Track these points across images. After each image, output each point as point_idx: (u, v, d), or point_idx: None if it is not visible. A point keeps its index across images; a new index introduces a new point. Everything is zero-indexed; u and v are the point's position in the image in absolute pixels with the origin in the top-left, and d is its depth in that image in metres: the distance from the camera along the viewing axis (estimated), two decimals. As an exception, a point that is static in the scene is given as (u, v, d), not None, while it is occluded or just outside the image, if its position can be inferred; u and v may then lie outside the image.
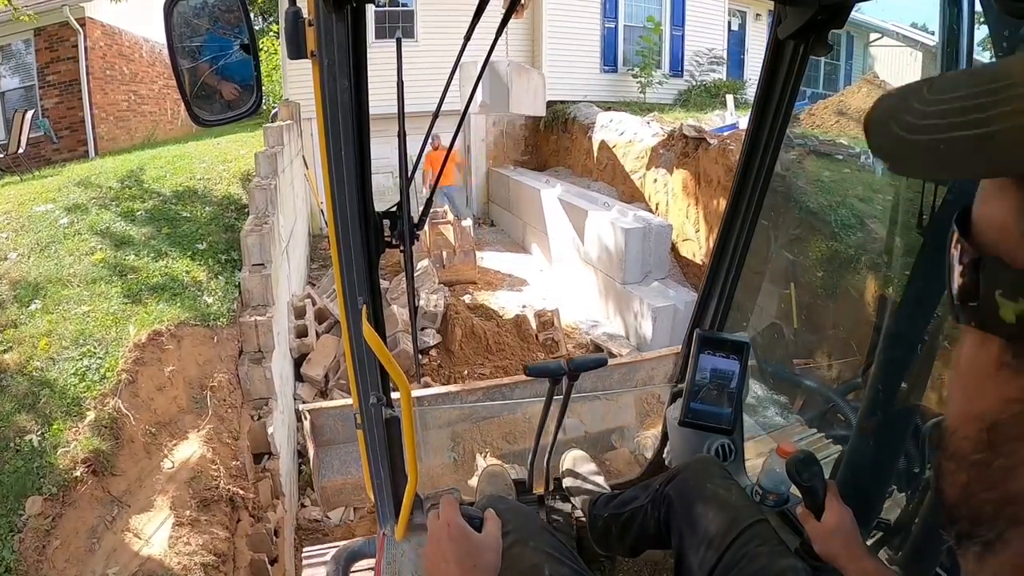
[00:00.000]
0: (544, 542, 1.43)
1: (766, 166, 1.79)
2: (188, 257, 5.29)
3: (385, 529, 1.85)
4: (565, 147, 13.60)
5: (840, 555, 1.38)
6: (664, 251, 8.64)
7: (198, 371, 4.38)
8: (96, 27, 12.23)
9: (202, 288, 4.90)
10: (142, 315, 4.44)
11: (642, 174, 10.71)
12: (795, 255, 7.11)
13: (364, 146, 1.32)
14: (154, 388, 4.04)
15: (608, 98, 14.25)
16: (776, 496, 1.81)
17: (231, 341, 4.66)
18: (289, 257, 7.05)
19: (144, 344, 4.13)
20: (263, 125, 8.13)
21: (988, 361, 0.43)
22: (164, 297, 4.68)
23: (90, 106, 12.21)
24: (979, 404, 0.44)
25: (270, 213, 5.79)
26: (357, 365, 1.55)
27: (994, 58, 1.89)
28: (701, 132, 9.08)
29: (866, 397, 2.15)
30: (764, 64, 1.67)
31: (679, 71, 15.24)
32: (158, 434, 3.90)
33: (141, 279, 4.88)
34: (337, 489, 4.53)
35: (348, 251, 1.40)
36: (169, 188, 6.98)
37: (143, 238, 5.58)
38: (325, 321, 6.80)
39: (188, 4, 1.24)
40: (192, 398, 4.26)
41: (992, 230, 0.41)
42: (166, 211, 6.21)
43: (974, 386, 0.45)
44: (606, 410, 5.11)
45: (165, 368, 4.15)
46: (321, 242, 12.03)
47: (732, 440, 2.07)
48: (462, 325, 6.56)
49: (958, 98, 0.39)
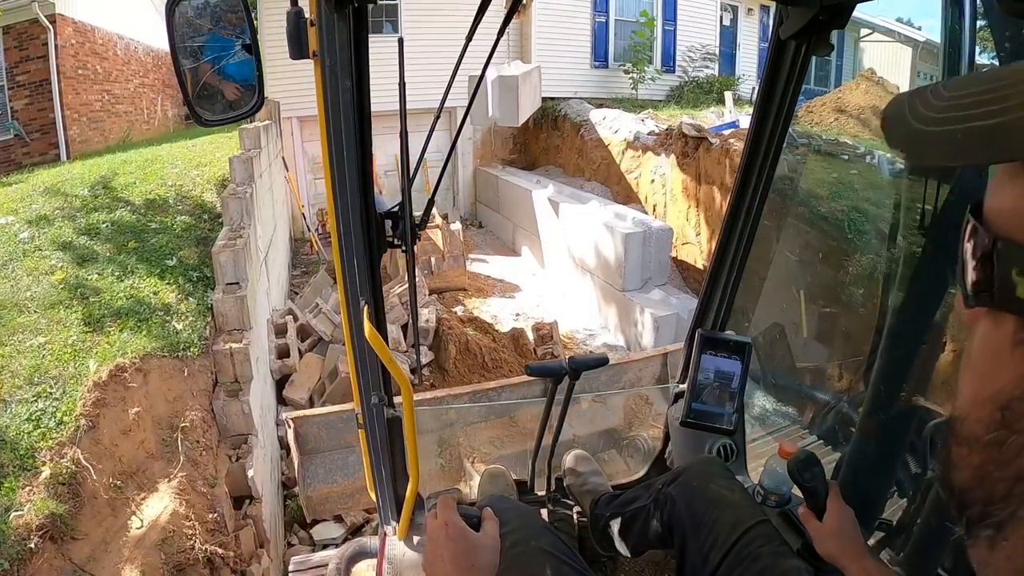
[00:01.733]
0: (546, 542, 1.42)
1: (768, 166, 1.80)
2: (156, 275, 4.82)
3: (386, 529, 1.88)
4: (556, 145, 13.17)
5: (842, 555, 1.39)
6: (665, 256, 8.28)
7: (167, 409, 3.93)
8: (67, 24, 11.64)
9: (171, 312, 4.43)
10: (104, 346, 3.96)
11: (638, 174, 10.33)
12: (805, 261, 6.80)
13: (366, 146, 1.33)
14: (118, 432, 3.59)
15: (599, 94, 13.87)
16: (778, 497, 1.82)
17: (203, 373, 4.20)
18: (268, 269, 6.59)
19: (105, 382, 3.66)
20: (239, 126, 7.59)
21: (1003, 340, 0.43)
22: (129, 324, 4.20)
23: (61, 107, 11.61)
24: (994, 384, 0.44)
25: (246, 224, 5.34)
26: (359, 365, 1.56)
27: (996, 58, 1.91)
28: (701, 131, 8.71)
29: (867, 397, 2.19)
30: (766, 64, 1.68)
31: (671, 67, 14.92)
32: (124, 487, 3.45)
33: (104, 303, 4.39)
34: (323, 498, 4.26)
35: (350, 251, 1.40)
36: (138, 196, 6.48)
37: (108, 254, 5.10)
38: (308, 338, 6.34)
39: (190, 4, 1.25)
40: (161, 441, 3.81)
41: (1005, 214, 0.43)
42: (133, 222, 5.72)
43: (989, 367, 0.46)
44: (594, 412, 4.71)
45: (130, 409, 3.69)
46: (303, 246, 11.60)
47: (734, 440, 2.08)
48: (456, 341, 6.13)
49: (974, 93, 0.43)
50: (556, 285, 9.88)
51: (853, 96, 9.92)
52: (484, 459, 4.38)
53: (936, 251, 1.83)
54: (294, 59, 1.16)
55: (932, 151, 0.46)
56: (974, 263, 0.44)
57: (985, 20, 1.81)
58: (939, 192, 1.73)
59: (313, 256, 11.10)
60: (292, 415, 4.24)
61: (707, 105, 13.23)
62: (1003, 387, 0.44)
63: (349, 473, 4.34)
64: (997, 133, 0.39)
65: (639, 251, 7.94)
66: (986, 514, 0.44)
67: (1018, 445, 0.42)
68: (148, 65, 15.74)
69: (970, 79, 0.45)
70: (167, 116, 16.96)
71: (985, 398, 0.45)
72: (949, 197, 1.71)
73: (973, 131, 0.41)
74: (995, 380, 0.44)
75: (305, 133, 12.17)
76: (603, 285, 8.52)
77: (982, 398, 0.46)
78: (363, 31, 1.22)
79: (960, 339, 2.38)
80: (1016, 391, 0.42)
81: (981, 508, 0.45)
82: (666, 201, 9.53)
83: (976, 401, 0.46)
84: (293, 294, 8.88)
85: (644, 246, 7.96)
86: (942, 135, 0.44)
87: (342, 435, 4.38)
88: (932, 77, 13.91)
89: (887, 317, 2.18)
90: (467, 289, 9.56)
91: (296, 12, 1.12)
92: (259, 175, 6.79)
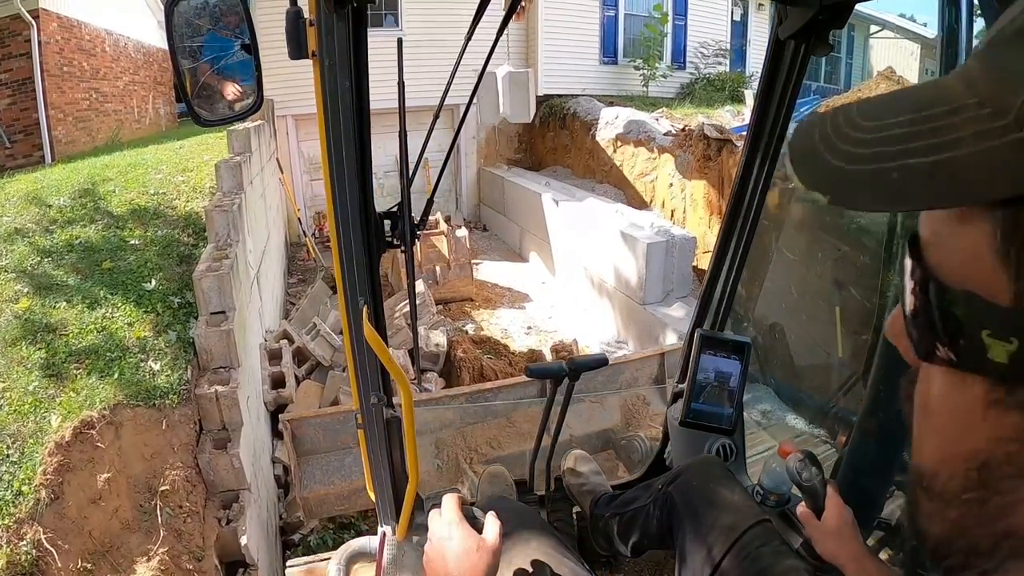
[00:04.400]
0: (546, 542, 1.46)
1: (767, 166, 1.78)
2: (132, 302, 4.23)
3: (386, 529, 1.87)
4: (564, 145, 12.57)
5: (841, 554, 1.37)
6: (687, 267, 7.70)
7: (144, 468, 3.36)
8: (51, 19, 11.05)
9: (147, 348, 3.85)
10: (69, 394, 3.39)
11: (654, 177, 9.76)
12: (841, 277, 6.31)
13: (365, 146, 1.33)
14: (86, 501, 3.03)
15: (608, 91, 13.25)
16: (777, 496, 1.82)
17: (185, 424, 3.63)
18: (261, 287, 6.00)
19: (69, 443, 3.09)
20: (230, 127, 6.94)
21: (972, 401, 0.41)
22: (98, 365, 3.62)
23: (45, 106, 10.99)
24: (965, 444, 0.43)
25: (233, 240, 4.76)
26: (358, 365, 1.57)
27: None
28: (724, 132, 8.14)
29: (866, 397, 2.22)
30: (765, 64, 1.66)
31: (682, 63, 14.36)
32: (96, 569, 2.90)
33: (71, 339, 3.82)
34: (319, 500, 4.23)
35: (349, 251, 1.41)
36: (118, 206, 5.87)
37: (80, 276, 4.51)
38: (306, 363, 5.77)
39: (190, 4, 1.24)
40: (139, 508, 3.25)
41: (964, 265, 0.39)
42: (109, 238, 5.13)
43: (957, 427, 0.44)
44: (591, 413, 4.97)
45: (100, 473, 3.13)
46: (299, 251, 11.00)
47: (733, 440, 2.07)
48: (469, 368, 5.57)
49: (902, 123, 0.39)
50: (568, 295, 9.30)
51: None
52: (482, 460, 4.53)
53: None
54: (293, 59, 1.16)
55: (864, 195, 0.39)
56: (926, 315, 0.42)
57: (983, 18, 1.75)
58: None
59: (310, 262, 10.54)
60: (288, 416, 4.24)
61: (721, 103, 12.71)
62: (977, 448, 0.42)
63: (346, 475, 4.31)
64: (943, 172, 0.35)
65: (662, 262, 7.37)
66: (969, 564, 0.43)
67: (1002, 504, 0.41)
68: (138, 62, 15.16)
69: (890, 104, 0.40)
70: (159, 114, 16.37)
71: (955, 456, 0.43)
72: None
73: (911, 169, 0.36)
74: (966, 441, 0.42)
75: (301, 132, 11.60)
76: (621, 298, 7.96)
77: (952, 455, 0.44)
78: (362, 31, 1.22)
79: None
80: (994, 453, 0.41)
81: (963, 558, 0.44)
82: (685, 206, 8.96)
83: (945, 458, 0.45)
84: (289, 304, 8.34)
85: (667, 256, 7.39)
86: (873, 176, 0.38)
87: (339, 436, 4.34)
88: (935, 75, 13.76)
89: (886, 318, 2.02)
90: (474, 299, 9.02)
91: (295, 12, 1.12)
92: (250, 181, 6.21)
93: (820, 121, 0.43)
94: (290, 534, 4.79)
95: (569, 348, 6.35)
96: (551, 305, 9.17)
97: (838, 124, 0.42)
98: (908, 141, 0.37)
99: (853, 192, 0.40)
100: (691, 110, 11.86)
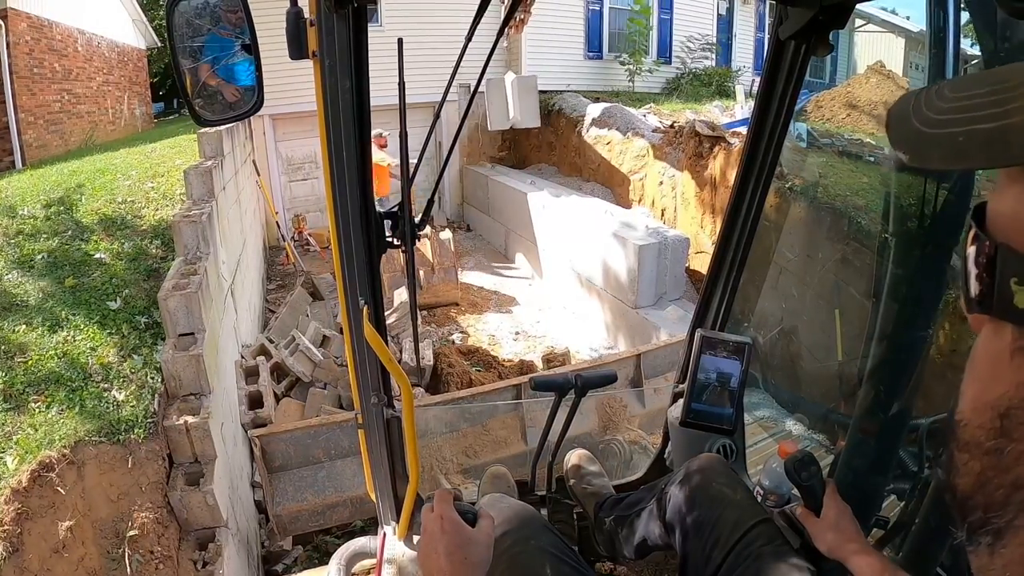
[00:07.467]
0: (545, 541, 1.45)
1: (768, 166, 1.78)
2: (96, 323, 3.94)
3: (386, 528, 1.88)
4: (548, 142, 12.30)
5: (840, 548, 1.37)
6: (680, 269, 7.51)
7: (111, 511, 3.09)
8: (20, 19, 10.64)
9: (111, 376, 3.56)
10: (26, 432, 3.11)
11: (643, 175, 9.53)
12: (842, 278, 6.14)
13: (365, 146, 1.33)
14: (49, 552, 2.75)
15: (593, 87, 13.06)
16: (777, 496, 1.80)
17: (154, 460, 3.34)
18: (236, 299, 5.71)
19: (27, 488, 2.81)
20: (200, 129, 6.60)
21: (1003, 348, 0.43)
22: (58, 397, 3.33)
23: (15, 110, 10.61)
24: (994, 391, 0.44)
25: (204, 253, 4.47)
26: (358, 365, 1.57)
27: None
28: (716, 129, 7.93)
29: (864, 396, 2.21)
30: (764, 64, 1.66)
31: (668, 58, 14.17)
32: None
33: (30, 366, 3.52)
34: (292, 516, 4.24)
35: (349, 251, 1.41)
36: (84, 215, 5.56)
37: (41, 295, 4.21)
38: (285, 379, 5.50)
39: (190, 4, 1.23)
40: (106, 555, 2.97)
41: (1004, 220, 0.42)
42: (72, 252, 4.82)
43: (988, 374, 0.45)
44: None
45: (63, 519, 2.85)
46: (278, 255, 10.66)
47: (733, 441, 2.09)
48: (457, 382, 5.31)
49: (976, 94, 0.41)
50: (556, 298, 9.08)
51: (863, 90, 9.27)
52: (457, 470, 4.58)
53: (933, 251, 1.87)
54: (294, 59, 1.16)
55: (933, 154, 0.44)
56: (976, 270, 0.44)
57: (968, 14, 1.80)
58: (937, 192, 1.78)
59: (289, 267, 10.22)
60: (256, 432, 4.22)
61: (708, 98, 12.52)
62: (1003, 394, 0.43)
63: (319, 490, 4.26)
64: (998, 136, 0.38)
65: (654, 264, 7.17)
66: (986, 521, 0.44)
67: (1016, 453, 0.42)
68: (113, 62, 14.75)
69: (973, 79, 0.43)
70: (135, 115, 15.95)
71: (985, 404, 0.45)
72: (948, 197, 1.76)
73: (974, 134, 0.40)
74: (995, 387, 0.44)
75: (279, 132, 11.23)
76: (612, 300, 7.74)
77: (982, 404, 0.45)
78: (363, 31, 1.22)
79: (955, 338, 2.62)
80: (1015, 399, 0.42)
81: (981, 515, 0.44)
82: (676, 206, 8.74)
83: (977, 407, 0.46)
84: (268, 312, 8.03)
85: (659, 258, 7.19)
86: (944, 137, 0.42)
87: (311, 451, 4.28)
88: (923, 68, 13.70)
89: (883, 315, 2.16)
90: (460, 304, 8.77)
91: (296, 12, 1.13)
92: (222, 187, 5.92)
93: (918, 91, 0.46)
94: (273, 563, 4.53)
95: (561, 358, 6.11)
96: (539, 309, 8.93)
97: (930, 95, 0.45)
98: (977, 110, 0.40)
99: (926, 151, 0.45)
100: (679, 105, 11.66)
